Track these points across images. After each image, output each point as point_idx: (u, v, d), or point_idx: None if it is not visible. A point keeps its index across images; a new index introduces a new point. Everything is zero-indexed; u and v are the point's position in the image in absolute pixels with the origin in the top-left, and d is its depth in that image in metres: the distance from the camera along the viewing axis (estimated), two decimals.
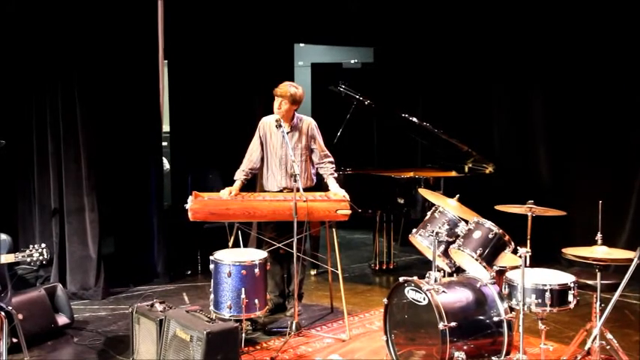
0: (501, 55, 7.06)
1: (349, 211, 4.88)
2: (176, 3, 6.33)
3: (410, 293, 4.02)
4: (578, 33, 6.39)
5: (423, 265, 6.36)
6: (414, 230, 4.51)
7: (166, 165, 7.46)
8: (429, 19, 7.65)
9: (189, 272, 6.48)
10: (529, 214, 4.12)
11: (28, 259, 3.95)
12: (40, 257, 3.95)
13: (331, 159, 5.21)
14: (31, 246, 3.98)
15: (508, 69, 7.04)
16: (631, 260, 3.74)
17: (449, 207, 4.41)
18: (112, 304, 5.61)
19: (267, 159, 5.14)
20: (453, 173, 6.61)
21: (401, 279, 4.10)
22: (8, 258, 3.96)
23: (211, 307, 4.62)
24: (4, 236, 4.22)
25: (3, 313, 3.91)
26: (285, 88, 4.98)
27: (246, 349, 4.57)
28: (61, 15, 5.54)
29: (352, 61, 9.63)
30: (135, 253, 6.33)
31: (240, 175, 5.11)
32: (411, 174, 6.31)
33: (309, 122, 5.16)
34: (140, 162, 6.23)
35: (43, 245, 3.99)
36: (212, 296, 4.64)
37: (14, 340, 4.18)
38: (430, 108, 7.72)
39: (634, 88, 6.03)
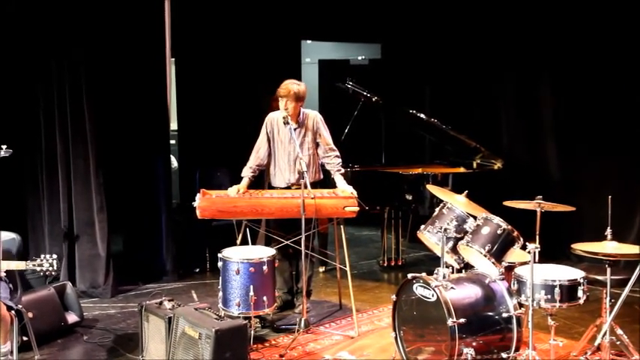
0: (509, 49, 7.02)
1: (357, 208, 4.87)
2: (183, 1, 6.33)
3: (418, 290, 4.01)
4: (588, 24, 6.32)
5: (431, 262, 6.33)
6: (423, 226, 4.49)
7: (174, 163, 7.48)
8: (435, 15, 7.62)
9: (197, 270, 6.50)
10: (538, 209, 4.10)
11: (38, 269, 3.98)
12: (50, 268, 3.98)
13: (337, 153, 5.19)
14: (42, 255, 4.00)
15: (516, 63, 6.99)
16: None
17: (457, 203, 4.39)
18: (121, 302, 5.63)
19: (275, 155, 5.14)
20: (461, 169, 6.59)
21: (409, 275, 4.09)
22: (19, 265, 3.98)
23: (220, 305, 4.62)
24: (14, 235, 4.24)
25: (13, 312, 3.93)
26: (287, 87, 4.98)
27: (255, 346, 4.58)
28: (67, 12, 5.55)
29: (359, 58, 9.62)
30: (143, 251, 6.35)
31: (247, 172, 5.11)
32: (419, 170, 6.29)
33: (314, 116, 5.15)
34: (148, 160, 6.25)
35: (55, 256, 4.01)
36: (221, 294, 4.65)
37: (24, 338, 4.21)
38: (438, 103, 7.71)
39: None
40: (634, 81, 6.04)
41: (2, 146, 3.92)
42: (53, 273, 4.05)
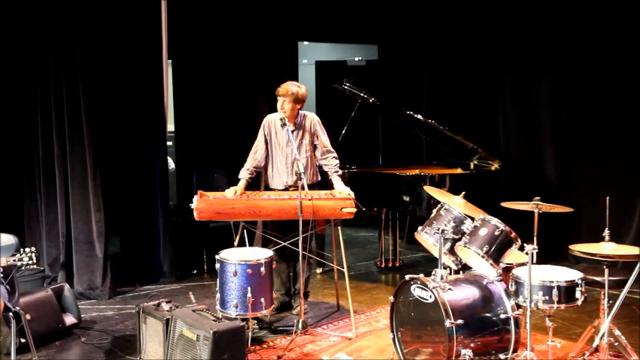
0: (507, 50, 7.02)
1: (354, 209, 4.87)
2: (180, 2, 6.33)
3: (416, 291, 4.01)
4: (587, 24, 6.32)
5: (429, 263, 6.35)
6: (420, 228, 4.49)
7: (171, 165, 7.48)
8: (433, 15, 7.63)
9: (195, 271, 6.49)
10: (536, 210, 4.10)
11: (19, 263, 3.95)
12: (30, 262, 3.95)
13: (334, 154, 5.19)
14: (22, 249, 3.98)
15: (514, 63, 6.99)
16: (639, 256, 3.72)
17: (454, 204, 4.40)
18: (118, 303, 5.62)
19: (272, 157, 5.14)
20: (459, 170, 6.60)
21: (407, 277, 4.09)
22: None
23: (217, 306, 4.62)
24: (11, 237, 4.23)
25: (11, 314, 3.92)
26: (287, 87, 4.98)
27: (253, 347, 4.58)
28: (65, 13, 5.54)
29: (356, 59, 9.62)
30: (141, 253, 6.36)
31: (244, 174, 5.11)
32: (417, 171, 6.30)
33: (311, 118, 5.15)
34: (145, 162, 6.24)
35: (33, 249, 3.99)
36: (218, 295, 4.64)
37: (22, 340, 4.20)
38: (435, 104, 7.71)
39: None
40: (633, 81, 6.04)
41: None
42: (34, 266, 4.02)
